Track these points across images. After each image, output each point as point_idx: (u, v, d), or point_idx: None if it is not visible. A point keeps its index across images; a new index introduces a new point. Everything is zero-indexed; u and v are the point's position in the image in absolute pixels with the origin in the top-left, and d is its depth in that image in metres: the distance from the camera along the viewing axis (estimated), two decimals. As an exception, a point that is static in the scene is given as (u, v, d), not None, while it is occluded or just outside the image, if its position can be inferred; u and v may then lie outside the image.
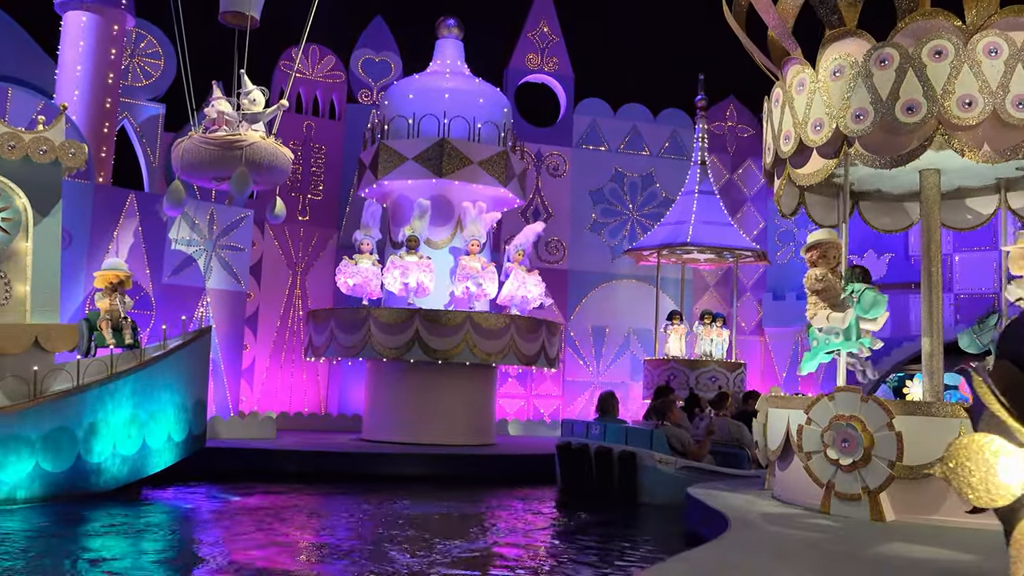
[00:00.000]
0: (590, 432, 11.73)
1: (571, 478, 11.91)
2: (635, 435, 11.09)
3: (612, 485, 11.02)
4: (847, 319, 8.11)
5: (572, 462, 11.78)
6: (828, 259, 8.40)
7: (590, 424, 11.94)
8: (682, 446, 11.00)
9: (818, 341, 8.41)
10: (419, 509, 10.10)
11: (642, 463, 10.75)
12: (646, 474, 10.69)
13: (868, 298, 8.18)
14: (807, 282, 8.36)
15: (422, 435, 14.81)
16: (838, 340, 8.26)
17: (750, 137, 22.93)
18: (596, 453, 11.27)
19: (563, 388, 20.77)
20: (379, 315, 14.46)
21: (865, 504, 7.45)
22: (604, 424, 11.69)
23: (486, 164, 15.36)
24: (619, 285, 21.52)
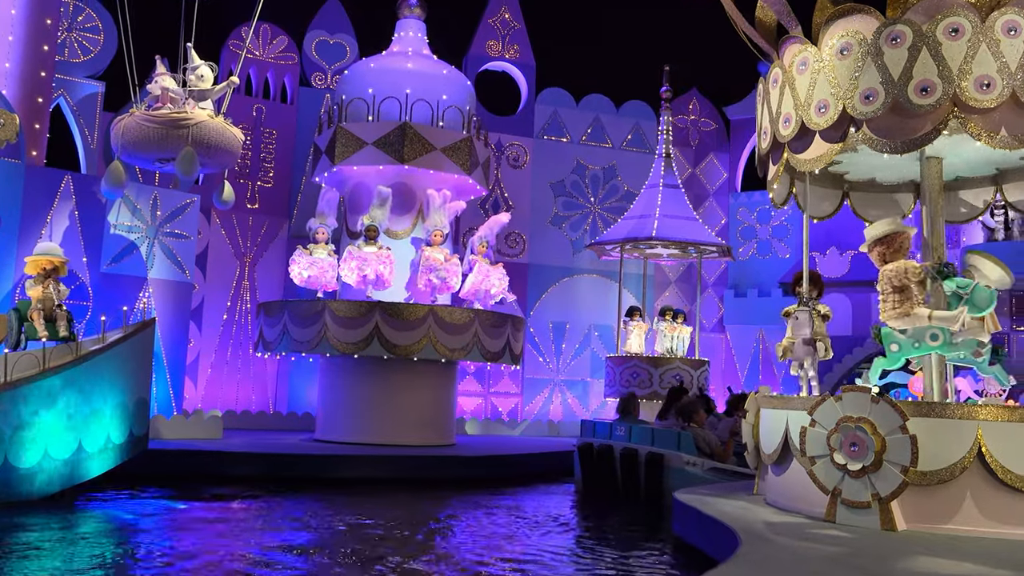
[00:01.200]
0: (614, 433, 11.61)
1: (593, 479, 11.80)
2: (662, 437, 10.93)
3: (638, 486, 10.91)
4: (960, 318, 7.20)
5: (595, 463, 11.67)
6: (903, 251, 7.62)
7: (614, 425, 11.82)
8: (708, 448, 10.66)
9: (900, 345, 7.48)
10: (380, 515, 9.35)
11: (669, 465, 10.61)
12: (673, 476, 10.48)
13: (984, 295, 7.31)
14: (893, 278, 7.41)
15: (379, 435, 14.03)
16: (935, 343, 7.33)
17: (713, 131, 22.58)
18: (622, 454, 11.17)
19: (522, 385, 20.15)
20: (336, 308, 13.63)
21: (875, 512, 6.94)
22: (629, 425, 11.57)
23: (450, 151, 14.62)
24: (580, 280, 20.97)
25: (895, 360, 7.58)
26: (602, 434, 11.86)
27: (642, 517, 10.18)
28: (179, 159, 11.55)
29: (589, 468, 11.86)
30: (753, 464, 9.22)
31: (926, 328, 7.33)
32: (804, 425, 7.42)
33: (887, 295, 7.50)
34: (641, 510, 10.63)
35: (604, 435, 11.81)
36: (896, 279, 7.41)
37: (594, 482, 11.79)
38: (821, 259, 20.69)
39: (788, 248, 21.44)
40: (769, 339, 21.06)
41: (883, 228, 7.70)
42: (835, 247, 20.58)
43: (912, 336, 7.41)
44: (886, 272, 7.51)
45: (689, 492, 9.04)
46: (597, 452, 11.62)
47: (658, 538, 8.81)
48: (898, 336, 7.47)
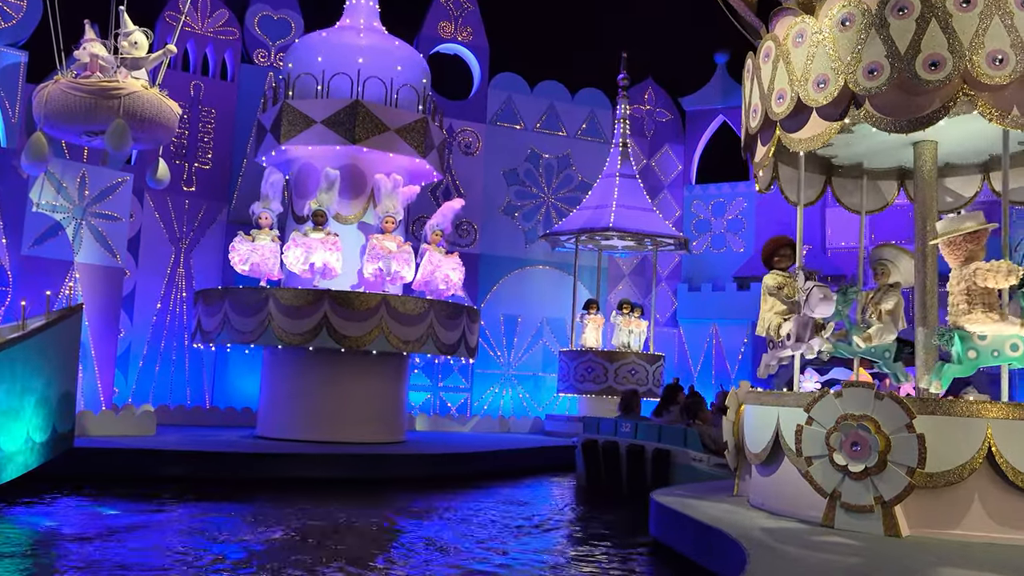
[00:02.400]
0: (619, 430, 11.67)
1: (597, 475, 11.82)
2: (669, 433, 10.99)
3: (644, 483, 10.86)
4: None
5: (599, 459, 11.72)
6: (983, 249, 6.97)
7: (619, 421, 11.86)
8: (714, 444, 10.37)
9: (978, 352, 6.83)
10: (328, 519, 8.58)
11: (676, 461, 10.67)
12: (680, 472, 10.54)
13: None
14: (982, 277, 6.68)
15: (326, 431, 13.20)
16: (1015, 354, 6.75)
17: (668, 122, 22.17)
18: (628, 451, 11.24)
19: (472, 380, 19.45)
20: (282, 297, 12.75)
21: (878, 517, 6.46)
22: (635, 422, 11.63)
23: (404, 132, 13.82)
24: (533, 272, 20.36)
25: (970, 368, 6.92)
26: (606, 431, 11.91)
27: (623, 516, 9.64)
28: (109, 132, 10.53)
29: (593, 464, 11.86)
30: (733, 464, 8.72)
31: (1008, 337, 6.74)
32: (800, 423, 6.91)
33: (973, 295, 6.74)
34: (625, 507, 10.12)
35: (608, 432, 11.85)
36: (985, 279, 6.69)
37: (598, 478, 11.80)
38: (776, 253, 20.41)
39: (743, 242, 21.16)
40: (723, 334, 20.77)
41: (973, 222, 6.95)
42: (790, 241, 20.32)
43: (991, 344, 6.82)
44: (979, 270, 6.75)
45: (667, 493, 8.50)
46: (602, 448, 11.65)
47: (638, 542, 8.23)
48: (977, 343, 6.83)
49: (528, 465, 14.21)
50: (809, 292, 7.24)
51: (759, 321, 8.06)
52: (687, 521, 7.17)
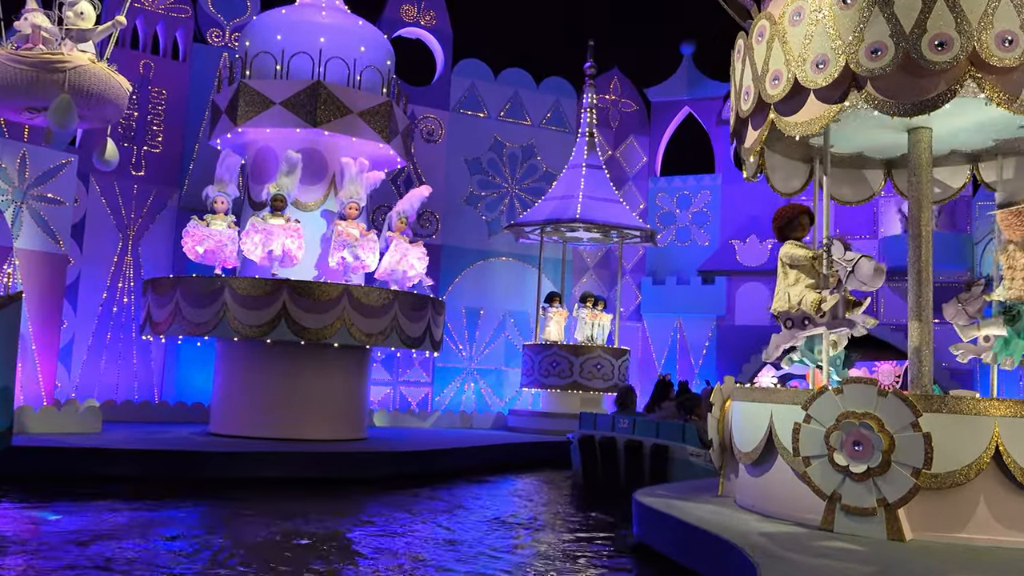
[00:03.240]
0: (616, 425, 11.74)
1: (594, 471, 11.85)
2: (667, 429, 11.15)
3: (641, 478, 10.96)
4: None
5: (597, 455, 11.76)
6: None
7: (616, 417, 11.92)
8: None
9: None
10: (287, 522, 8.03)
11: (674, 456, 10.78)
12: (677, 467, 10.66)
13: None
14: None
15: (283, 429, 12.58)
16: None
17: (633, 113, 21.84)
18: (626, 446, 11.34)
19: (433, 374, 18.92)
20: (238, 286, 12.09)
21: (880, 520, 6.14)
22: (632, 417, 11.73)
23: (368, 115, 13.22)
24: (496, 263, 19.88)
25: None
26: (603, 427, 11.95)
27: (603, 515, 9.23)
28: (52, 108, 9.78)
29: (590, 460, 11.89)
30: (718, 463, 8.38)
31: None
32: (798, 421, 6.56)
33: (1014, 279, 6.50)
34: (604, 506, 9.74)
35: (606, 427, 11.90)
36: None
37: (595, 474, 11.85)
38: (741, 247, 20.26)
39: (708, 235, 20.93)
40: (687, 328, 20.53)
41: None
42: (755, 235, 20.17)
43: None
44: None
45: (650, 493, 8.11)
46: (599, 444, 11.69)
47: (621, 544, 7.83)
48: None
49: (495, 462, 13.79)
50: (856, 263, 6.77)
51: (777, 297, 7.39)
52: (676, 524, 6.78)
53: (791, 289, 7.26)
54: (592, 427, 12.07)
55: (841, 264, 6.93)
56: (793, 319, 7.21)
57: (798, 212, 7.67)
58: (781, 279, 7.35)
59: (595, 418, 12.26)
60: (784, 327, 7.33)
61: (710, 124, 21.22)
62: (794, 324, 7.23)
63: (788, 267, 7.38)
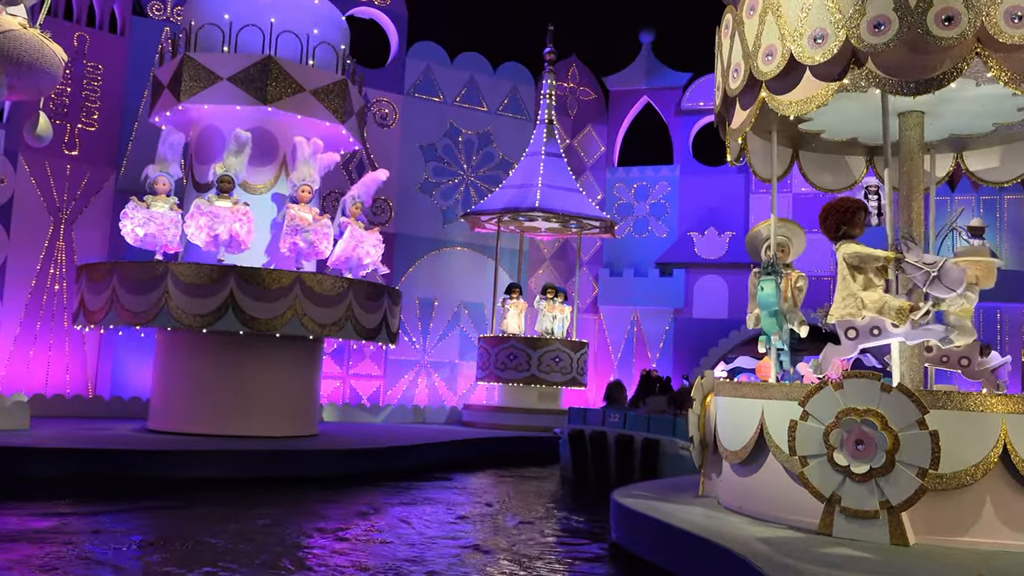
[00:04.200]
0: (607, 420, 11.76)
1: (584, 466, 11.85)
2: (657, 423, 11.20)
3: (632, 472, 11.08)
4: None
5: (587, 450, 11.76)
6: None
7: (607, 412, 11.96)
8: None
9: None
10: (232, 527, 7.39)
11: (664, 450, 10.88)
12: (668, 461, 10.76)
13: None
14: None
15: (229, 425, 11.86)
16: None
17: (592, 101, 21.41)
18: (617, 440, 11.38)
19: (385, 367, 18.27)
20: (182, 273, 11.30)
21: (883, 524, 5.75)
22: (623, 412, 11.82)
23: (321, 94, 12.51)
24: (451, 253, 19.30)
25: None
26: (593, 421, 11.95)
27: (577, 516, 8.74)
28: (-24, 76, 8.93)
29: (580, 455, 11.87)
30: (698, 461, 7.96)
31: None
32: (794, 418, 6.15)
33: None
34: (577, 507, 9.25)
35: (596, 422, 11.89)
36: None
37: (584, 469, 11.84)
38: (699, 239, 20.02)
39: (666, 227, 20.63)
40: (644, 321, 20.22)
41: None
42: (713, 228, 19.94)
43: None
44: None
45: (628, 494, 7.65)
46: (589, 439, 11.70)
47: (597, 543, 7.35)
48: None
49: (455, 458, 13.25)
50: (942, 267, 6.19)
51: (842, 304, 6.41)
52: (661, 527, 6.32)
53: (865, 294, 6.33)
54: (582, 422, 12.06)
55: (919, 268, 6.31)
56: (858, 328, 6.33)
57: (857, 207, 6.72)
58: (845, 283, 6.41)
59: (585, 413, 12.24)
60: (845, 337, 6.40)
61: (669, 114, 20.92)
62: (859, 334, 6.34)
63: (855, 270, 6.44)
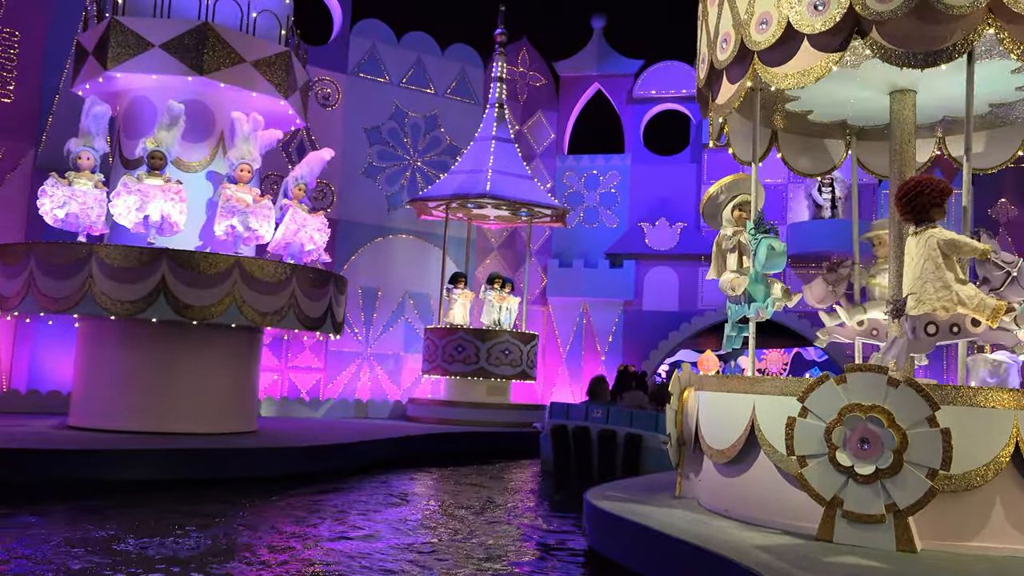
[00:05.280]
0: (590, 415, 11.80)
1: (567, 461, 11.94)
2: (640, 418, 11.32)
3: (614, 467, 11.22)
4: None
5: (569, 445, 11.86)
6: None
7: (590, 407, 11.97)
8: None
9: None
10: (162, 535, 6.63)
11: (646, 445, 10.98)
12: (650, 456, 10.81)
13: None
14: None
15: (160, 421, 10.95)
16: None
17: (542, 87, 20.84)
18: (600, 435, 11.48)
19: (325, 359, 17.45)
20: (108, 256, 10.36)
21: (889, 528, 5.33)
22: (607, 407, 11.86)
23: (263, 66, 11.67)
24: (395, 241, 18.54)
25: None
26: (576, 416, 11.98)
27: (537, 520, 8.16)
28: None
29: (562, 450, 11.95)
30: (675, 460, 7.47)
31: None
32: (792, 415, 5.67)
33: None
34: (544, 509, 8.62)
35: (579, 417, 11.93)
36: None
37: (567, 464, 11.91)
38: (650, 230, 19.64)
39: (616, 217, 20.20)
40: (594, 313, 19.78)
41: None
42: (664, 218, 19.58)
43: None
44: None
45: (603, 495, 7.10)
46: (572, 434, 11.78)
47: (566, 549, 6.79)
48: None
49: (404, 455, 12.59)
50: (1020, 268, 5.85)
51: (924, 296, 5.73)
52: (642, 532, 5.80)
53: (962, 289, 5.68)
54: (564, 417, 12.09)
55: (1000, 266, 5.93)
56: (939, 325, 5.72)
57: (950, 189, 6.00)
58: (939, 273, 5.74)
59: (567, 408, 12.25)
60: (924, 333, 5.77)
61: (620, 102, 20.49)
62: (939, 331, 5.73)
63: (944, 257, 5.76)
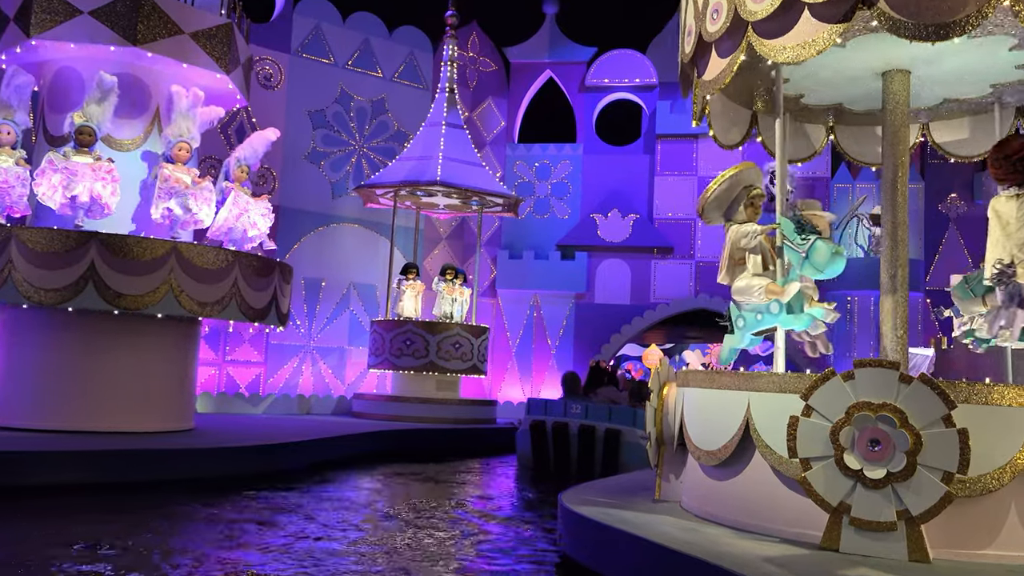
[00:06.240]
0: (569, 411, 11.91)
1: (545, 456, 12.05)
2: (619, 413, 11.44)
3: (593, 462, 11.37)
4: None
5: (548, 440, 11.94)
6: None
7: (568, 403, 12.10)
8: None
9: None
10: (99, 543, 5.93)
11: (625, 440, 11.07)
12: (629, 451, 10.92)
13: None
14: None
15: (88, 420, 10.11)
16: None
17: (492, 73, 20.28)
18: (580, 431, 11.58)
19: (266, 353, 16.63)
20: (30, 239, 9.46)
21: (901, 537, 4.94)
22: (585, 403, 11.96)
23: (203, 38, 10.86)
24: (340, 229, 17.79)
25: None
26: (555, 412, 12.08)
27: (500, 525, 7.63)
28: None
29: (540, 446, 12.03)
30: (654, 461, 7.01)
31: None
32: (794, 414, 5.24)
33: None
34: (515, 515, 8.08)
35: (557, 413, 12.03)
36: None
37: (545, 459, 12.02)
38: (603, 221, 19.26)
39: (568, 208, 19.77)
40: (544, 305, 19.32)
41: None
42: (617, 210, 19.22)
43: None
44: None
45: (580, 500, 6.59)
46: (551, 429, 11.86)
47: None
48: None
49: (354, 453, 11.96)
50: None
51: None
52: (632, 542, 5.32)
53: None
54: (543, 413, 12.18)
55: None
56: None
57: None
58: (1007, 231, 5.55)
59: (546, 404, 12.37)
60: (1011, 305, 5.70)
61: (572, 90, 20.05)
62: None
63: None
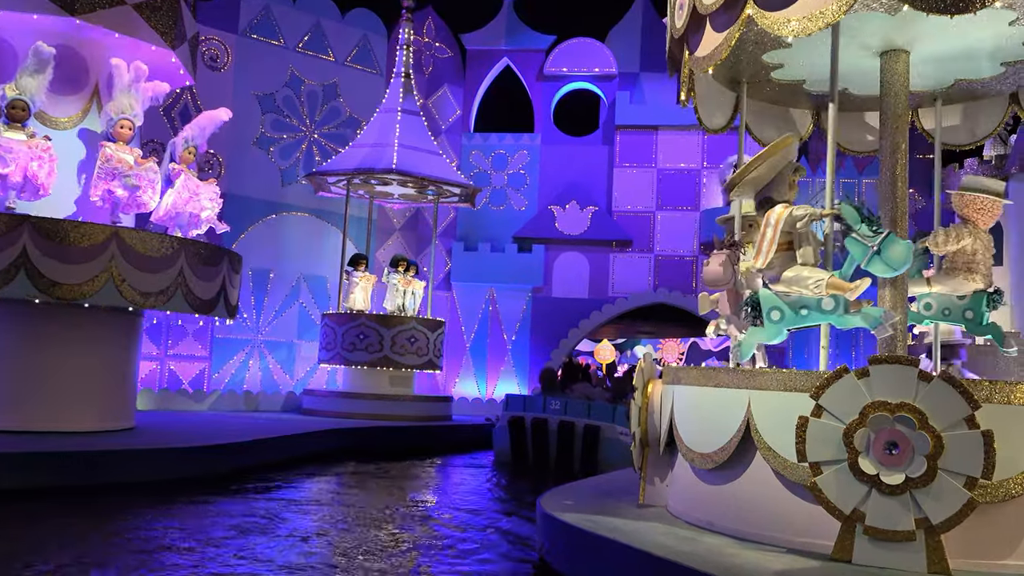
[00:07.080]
0: (548, 407, 12.02)
1: (523, 452, 12.19)
2: (598, 409, 11.55)
3: (572, 458, 11.52)
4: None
5: (527, 436, 12.08)
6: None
7: (548, 399, 12.21)
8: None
9: None
10: (28, 557, 5.32)
11: (604, 436, 11.20)
12: (608, 446, 11.03)
13: None
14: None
15: (19, 419, 9.33)
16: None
17: (448, 60, 19.72)
18: (559, 427, 11.70)
19: (210, 347, 15.87)
20: (-47, 222, 8.68)
21: (920, 548, 4.61)
22: (564, 399, 12.11)
23: (146, 9, 10.12)
24: (289, 219, 17.09)
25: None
26: (534, 408, 12.21)
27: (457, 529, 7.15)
28: None
29: (519, 442, 12.14)
30: (638, 463, 6.61)
31: None
32: (799, 413, 4.87)
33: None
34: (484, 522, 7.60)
35: (537, 409, 12.15)
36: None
37: (524, 455, 12.13)
38: (561, 213, 18.89)
39: (525, 199, 19.33)
40: (500, 299, 18.87)
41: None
42: (575, 201, 18.85)
43: None
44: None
45: (561, 506, 6.16)
46: (531, 425, 11.99)
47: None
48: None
49: (306, 453, 11.37)
50: None
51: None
52: (625, 553, 4.90)
53: None
54: (522, 409, 12.29)
55: None
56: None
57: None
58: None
59: (524, 400, 12.55)
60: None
61: (530, 79, 19.60)
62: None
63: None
